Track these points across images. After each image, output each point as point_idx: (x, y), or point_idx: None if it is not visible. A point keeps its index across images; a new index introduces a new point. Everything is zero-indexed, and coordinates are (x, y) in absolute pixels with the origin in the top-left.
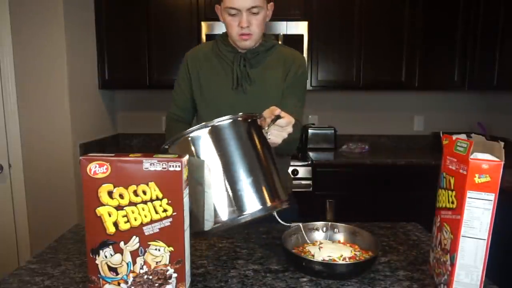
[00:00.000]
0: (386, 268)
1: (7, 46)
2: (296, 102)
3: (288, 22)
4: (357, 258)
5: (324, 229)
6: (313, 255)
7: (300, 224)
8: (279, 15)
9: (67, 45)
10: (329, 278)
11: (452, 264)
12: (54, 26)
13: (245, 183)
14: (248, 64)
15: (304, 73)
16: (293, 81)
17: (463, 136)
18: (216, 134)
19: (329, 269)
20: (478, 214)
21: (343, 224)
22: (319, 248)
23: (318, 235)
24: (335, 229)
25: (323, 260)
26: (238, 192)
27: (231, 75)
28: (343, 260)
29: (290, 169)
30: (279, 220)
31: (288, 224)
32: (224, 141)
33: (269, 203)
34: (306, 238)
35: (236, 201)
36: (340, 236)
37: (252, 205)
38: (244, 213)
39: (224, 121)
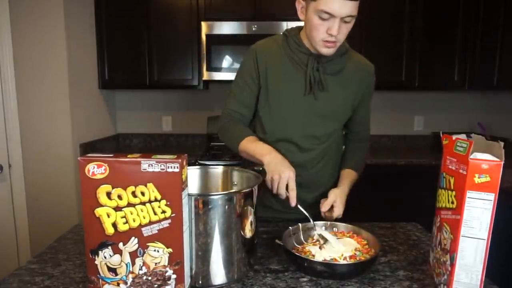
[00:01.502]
0: (386, 268)
1: (7, 46)
2: (367, 114)
3: (288, 22)
4: (357, 258)
5: (324, 228)
6: (313, 255)
7: (300, 224)
8: (279, 15)
9: (67, 45)
10: (330, 278)
11: (452, 264)
12: (54, 26)
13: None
14: (321, 68)
15: (374, 82)
16: (367, 92)
17: (463, 136)
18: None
19: (330, 269)
20: (478, 214)
21: (343, 224)
22: (320, 248)
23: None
24: (334, 228)
25: (324, 260)
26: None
27: (302, 79)
28: (343, 259)
29: None
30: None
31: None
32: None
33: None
34: (303, 239)
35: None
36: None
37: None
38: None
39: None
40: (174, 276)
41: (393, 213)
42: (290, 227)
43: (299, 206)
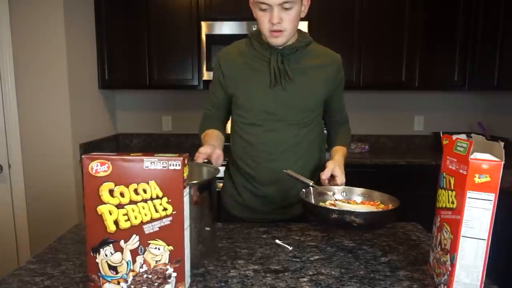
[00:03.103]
0: (386, 268)
1: (7, 46)
2: (342, 102)
3: None
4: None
5: (342, 192)
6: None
7: (311, 188)
8: None
9: (67, 45)
10: (361, 229)
11: (452, 264)
12: (54, 26)
13: None
14: (286, 60)
15: (342, 71)
16: (339, 83)
17: (463, 136)
18: None
19: (365, 219)
20: (478, 214)
21: (355, 188)
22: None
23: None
24: (344, 193)
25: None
26: None
27: (268, 73)
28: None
29: None
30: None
31: (307, 182)
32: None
33: None
34: (313, 200)
35: None
36: (356, 198)
37: None
38: None
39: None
40: (174, 274)
41: None
42: (303, 189)
43: (293, 174)
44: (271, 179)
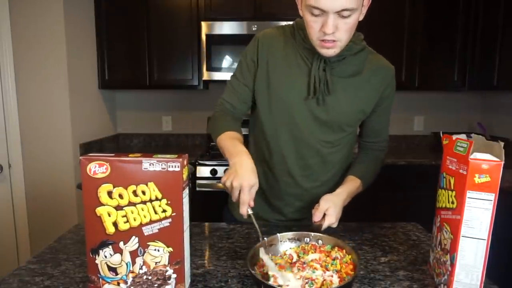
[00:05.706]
0: (386, 268)
1: (7, 46)
2: (385, 124)
3: (288, 22)
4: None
5: (318, 239)
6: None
7: (278, 235)
8: (279, 15)
9: (67, 45)
10: None
11: (452, 264)
12: (54, 26)
13: None
14: (329, 69)
15: (393, 86)
16: (384, 98)
17: (463, 136)
18: None
19: None
20: (478, 214)
21: (325, 235)
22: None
23: (288, 246)
24: (319, 240)
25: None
26: None
27: (306, 79)
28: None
29: None
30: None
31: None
32: None
33: None
34: (264, 259)
35: None
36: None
37: None
38: None
39: None
40: (174, 275)
41: (393, 213)
42: (265, 238)
43: (252, 217)
44: (285, 196)
